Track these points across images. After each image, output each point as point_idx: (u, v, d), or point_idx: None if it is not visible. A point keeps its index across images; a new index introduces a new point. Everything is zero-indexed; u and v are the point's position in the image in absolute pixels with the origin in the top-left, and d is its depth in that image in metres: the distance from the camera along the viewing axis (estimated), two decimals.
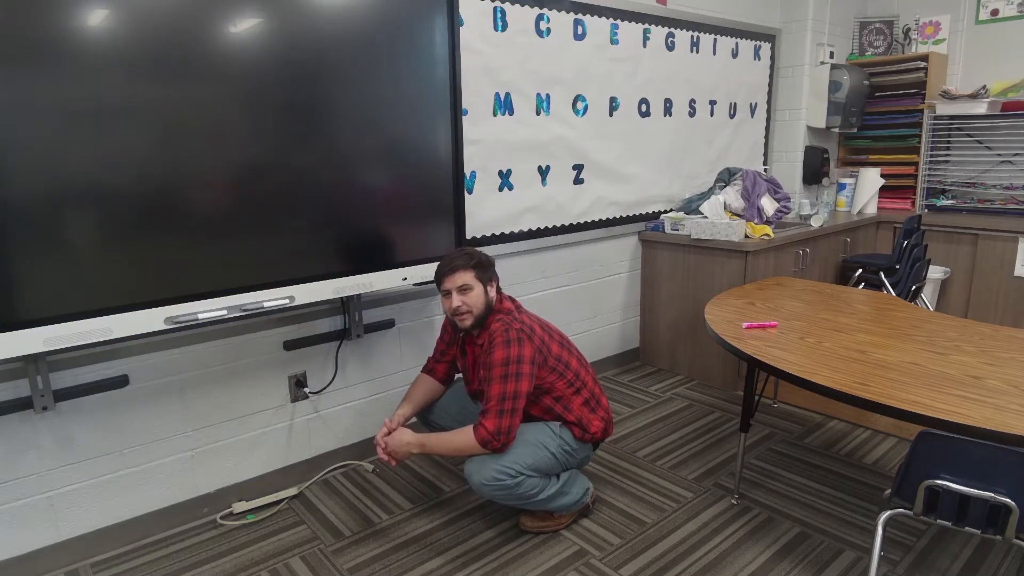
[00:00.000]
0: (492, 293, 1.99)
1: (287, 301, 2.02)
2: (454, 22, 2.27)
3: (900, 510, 1.54)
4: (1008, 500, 1.36)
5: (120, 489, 2.04)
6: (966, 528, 1.46)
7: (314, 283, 2.07)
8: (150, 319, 1.78)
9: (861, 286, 3.49)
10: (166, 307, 1.80)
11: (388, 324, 2.56)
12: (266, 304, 1.98)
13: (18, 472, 1.86)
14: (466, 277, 1.93)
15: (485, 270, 1.98)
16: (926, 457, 1.44)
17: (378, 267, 2.21)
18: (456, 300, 1.93)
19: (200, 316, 1.86)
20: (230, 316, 1.92)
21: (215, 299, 1.88)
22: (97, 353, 1.93)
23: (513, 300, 2.06)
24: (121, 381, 1.98)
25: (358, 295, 2.41)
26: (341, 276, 2.13)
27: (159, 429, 2.09)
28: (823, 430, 2.77)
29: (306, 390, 2.39)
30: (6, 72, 1.49)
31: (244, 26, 1.83)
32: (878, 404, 1.55)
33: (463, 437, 1.88)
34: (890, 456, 2.53)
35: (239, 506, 2.24)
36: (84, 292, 1.67)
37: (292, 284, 2.02)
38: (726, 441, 2.69)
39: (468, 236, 2.69)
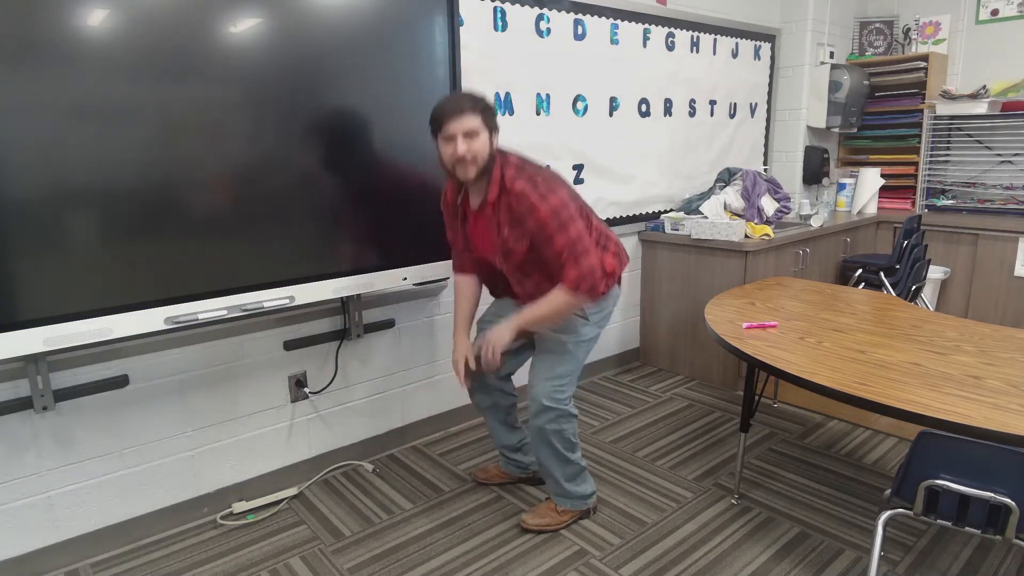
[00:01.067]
0: (496, 143, 1.83)
1: (287, 301, 2.02)
2: (454, 22, 2.27)
3: (900, 510, 1.54)
4: (1008, 500, 1.36)
5: (120, 489, 2.04)
6: (966, 528, 1.46)
7: (314, 283, 2.07)
8: (150, 319, 1.78)
9: (861, 286, 3.49)
10: (166, 307, 1.80)
11: (388, 324, 2.56)
12: (266, 304, 1.98)
13: (18, 472, 1.86)
14: (474, 122, 1.74)
15: (492, 116, 1.80)
16: (926, 457, 1.44)
17: (378, 267, 2.21)
18: (462, 146, 1.73)
19: (200, 316, 1.86)
20: (230, 316, 1.92)
21: (215, 299, 1.88)
22: (97, 353, 1.93)
23: (513, 153, 1.89)
24: (121, 381, 1.98)
25: (358, 295, 2.41)
26: (341, 276, 2.13)
27: (159, 429, 2.09)
28: (823, 430, 2.77)
29: (306, 390, 2.39)
30: (7, 72, 1.49)
31: (244, 26, 1.83)
32: (878, 404, 1.54)
33: (553, 297, 1.81)
34: (890, 456, 2.53)
35: (239, 506, 2.24)
36: (84, 292, 1.67)
37: (292, 284, 2.02)
38: (726, 441, 2.69)
39: None
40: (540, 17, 2.80)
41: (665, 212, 3.55)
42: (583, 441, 2.70)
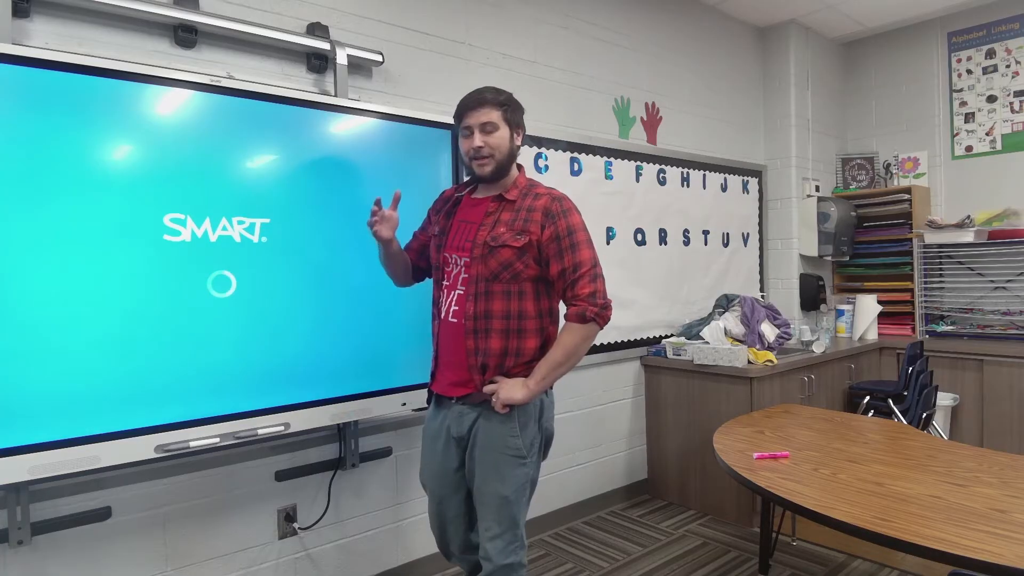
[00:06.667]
0: (518, 142, 1.75)
1: (282, 428, 1.97)
2: (458, 159, 2.42)
3: None
4: None
5: None
6: None
7: (311, 409, 2.03)
8: (140, 447, 1.74)
9: (871, 414, 3.41)
10: (156, 434, 1.76)
11: (385, 452, 2.47)
12: (260, 431, 1.93)
13: None
14: (492, 115, 1.69)
15: (515, 112, 1.74)
16: None
17: (377, 392, 2.18)
18: (478, 140, 1.67)
19: (192, 444, 1.81)
20: (223, 444, 1.87)
21: (207, 426, 1.84)
22: (81, 483, 1.85)
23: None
24: (103, 514, 1.88)
25: (355, 421, 2.36)
26: (338, 401, 2.09)
27: (139, 568, 1.96)
28: (847, 571, 2.58)
29: (295, 525, 2.26)
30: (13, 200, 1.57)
31: (260, 162, 1.95)
32: (902, 542, 1.45)
33: (564, 337, 1.69)
34: None
35: None
36: (72, 418, 1.64)
37: (288, 410, 1.99)
38: None
39: None
40: (539, 155, 2.98)
41: (666, 337, 3.56)
42: None
